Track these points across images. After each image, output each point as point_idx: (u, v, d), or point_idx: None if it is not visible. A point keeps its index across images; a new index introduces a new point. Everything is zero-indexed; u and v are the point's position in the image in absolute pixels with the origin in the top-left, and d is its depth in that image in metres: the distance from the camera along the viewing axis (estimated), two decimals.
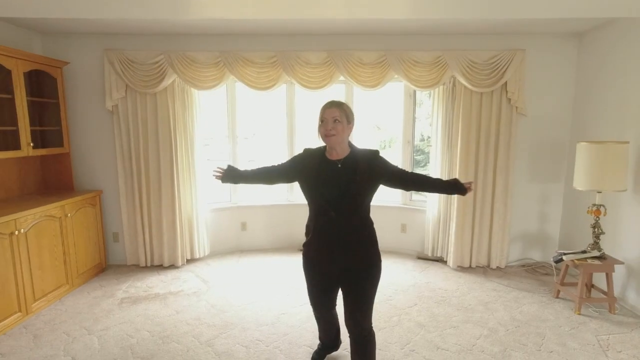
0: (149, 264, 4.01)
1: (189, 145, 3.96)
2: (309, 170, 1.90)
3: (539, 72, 3.75)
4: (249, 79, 3.78)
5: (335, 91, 4.28)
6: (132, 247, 4.03)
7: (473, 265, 3.95)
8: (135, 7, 3.04)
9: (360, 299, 1.91)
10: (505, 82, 3.67)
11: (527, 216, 3.99)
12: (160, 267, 4.00)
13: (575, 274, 3.64)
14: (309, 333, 2.73)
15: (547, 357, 2.45)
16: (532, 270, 3.88)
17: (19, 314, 2.86)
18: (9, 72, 3.11)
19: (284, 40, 3.80)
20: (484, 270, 3.91)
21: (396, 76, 3.77)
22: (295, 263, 3.99)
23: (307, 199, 1.95)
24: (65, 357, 2.46)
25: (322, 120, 1.88)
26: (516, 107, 3.73)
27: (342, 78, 3.84)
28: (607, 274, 2.98)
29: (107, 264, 4.04)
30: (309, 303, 2.18)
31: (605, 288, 3.07)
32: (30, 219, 2.97)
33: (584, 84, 3.64)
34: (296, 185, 2.00)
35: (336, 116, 1.85)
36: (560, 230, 3.97)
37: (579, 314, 2.98)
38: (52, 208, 3.19)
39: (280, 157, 4.39)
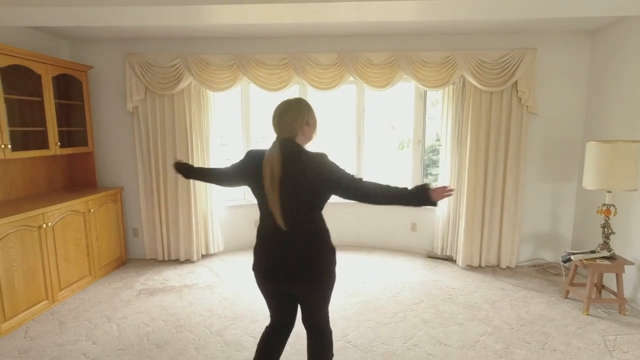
0: (166, 259, 4.19)
1: (205, 145, 4.12)
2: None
3: (551, 70, 3.72)
4: (261, 80, 3.90)
5: (346, 91, 4.36)
6: (151, 242, 4.22)
7: (482, 264, 3.95)
8: (155, 14, 3.19)
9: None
10: (516, 81, 3.66)
11: (538, 216, 3.96)
12: (177, 262, 4.18)
13: (586, 274, 3.59)
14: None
15: (550, 355, 2.46)
16: (542, 271, 3.85)
17: (46, 301, 3.07)
18: (39, 77, 3.33)
19: (294, 42, 3.91)
20: (494, 269, 3.91)
21: (405, 76, 3.82)
22: None
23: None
24: (87, 342, 2.63)
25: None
26: (527, 106, 3.71)
27: (351, 78, 3.91)
28: (617, 275, 2.95)
29: (127, 258, 4.25)
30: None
31: (616, 289, 3.03)
32: (57, 214, 3.18)
33: (597, 82, 3.59)
34: None
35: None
36: (573, 231, 3.92)
37: (587, 315, 2.96)
38: (77, 203, 3.40)
39: None
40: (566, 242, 3.94)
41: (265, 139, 4.82)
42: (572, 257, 3.06)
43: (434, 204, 1.65)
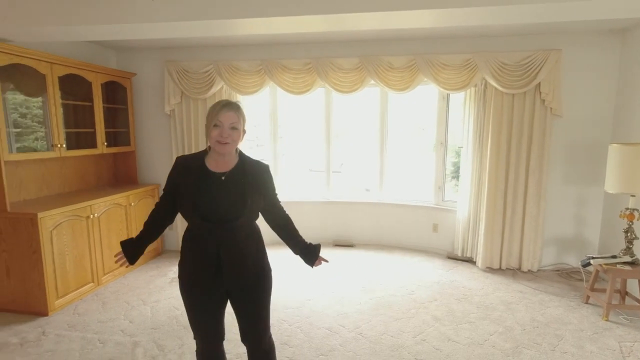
0: None
1: None
2: (185, 185, 1.59)
3: (577, 71, 3.65)
4: (287, 84, 4.12)
5: (370, 94, 4.49)
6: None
7: (503, 267, 3.93)
8: (193, 28, 3.43)
9: (257, 313, 1.72)
10: (539, 83, 3.63)
11: (562, 219, 3.88)
12: None
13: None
14: (329, 317, 2.98)
15: (559, 357, 2.47)
16: (566, 276, 3.78)
17: (92, 284, 3.45)
18: (90, 84, 3.74)
19: (318, 47, 4.09)
20: (514, 272, 3.88)
21: (425, 79, 3.89)
22: (325, 256, 4.25)
23: (181, 210, 1.64)
24: (125, 320, 2.95)
25: (216, 124, 1.56)
26: (550, 108, 3.66)
27: (373, 82, 4.03)
28: (639, 281, 2.87)
29: (163, 249, 4.61)
30: (196, 336, 1.76)
31: (639, 295, 2.95)
32: (102, 206, 3.55)
33: (627, 83, 3.48)
34: (332, 181, 1.89)
35: (234, 122, 1.57)
36: (600, 236, 3.81)
37: (607, 320, 2.90)
38: (119, 197, 3.77)
39: (320, 157, 4.69)
40: (592, 247, 3.84)
41: (302, 142, 5.04)
42: (592, 261, 3.01)
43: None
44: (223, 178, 1.62)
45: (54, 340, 2.67)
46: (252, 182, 1.64)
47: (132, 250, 1.74)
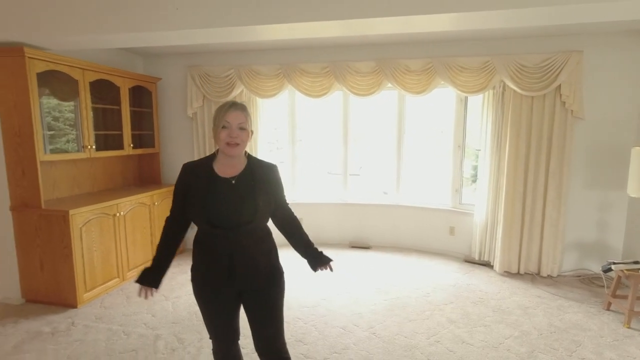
0: None
1: (253, 147, 4.51)
2: (195, 192, 1.57)
3: (599, 73, 3.58)
4: (305, 87, 4.20)
5: (387, 97, 4.52)
6: None
7: (521, 271, 3.88)
8: (216, 35, 3.51)
9: (271, 315, 1.69)
10: (559, 85, 3.58)
11: (584, 224, 3.80)
12: None
13: None
14: (344, 317, 3.03)
15: None
16: (587, 282, 3.69)
17: (117, 279, 3.62)
18: (118, 88, 3.93)
19: (336, 51, 4.16)
20: (533, 277, 3.82)
21: (442, 82, 3.89)
22: (341, 257, 4.31)
23: (192, 217, 1.62)
24: (147, 314, 3.09)
25: (224, 125, 1.55)
26: (571, 111, 3.60)
27: (389, 85, 4.07)
28: None
29: (185, 247, 4.76)
30: (212, 337, 1.77)
31: None
32: (128, 205, 3.72)
33: None
34: (349, 183, 1.84)
35: (242, 122, 1.56)
36: (624, 241, 3.71)
37: (628, 327, 2.84)
38: (143, 197, 3.94)
39: (337, 160, 4.74)
40: (616, 252, 3.74)
41: (321, 145, 5.12)
42: (613, 267, 2.95)
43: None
44: (233, 182, 1.59)
45: (82, 331, 2.82)
46: (261, 183, 1.62)
47: (152, 278, 1.67)
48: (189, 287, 3.61)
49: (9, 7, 2.79)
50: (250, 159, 1.68)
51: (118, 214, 3.57)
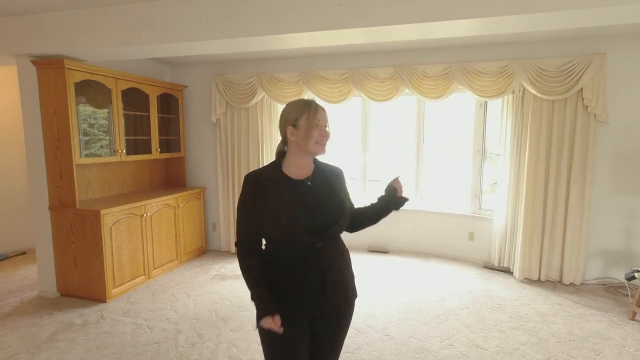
0: None
1: (273, 152, 4.63)
2: (273, 200, 1.40)
3: (624, 76, 3.49)
4: (324, 93, 4.31)
5: (407, 102, 4.55)
6: (226, 236, 4.86)
7: (542, 278, 3.79)
8: (241, 44, 3.55)
9: (337, 343, 1.56)
10: (581, 89, 3.52)
11: (609, 231, 3.68)
12: None
13: None
14: (358, 318, 3.06)
15: None
16: (613, 290, 3.57)
17: (144, 276, 3.81)
18: (147, 96, 4.16)
19: (354, 58, 4.25)
20: (554, 285, 3.73)
21: (460, 87, 3.90)
22: (359, 261, 4.35)
23: (273, 232, 1.42)
24: (170, 310, 3.24)
25: (317, 124, 1.46)
26: (594, 115, 3.53)
27: (407, 91, 4.11)
28: None
29: (207, 248, 4.94)
30: None
31: None
32: (155, 206, 3.92)
33: None
34: (368, 188, 1.76)
35: (327, 121, 1.52)
36: None
37: None
38: (169, 199, 4.13)
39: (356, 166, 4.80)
40: None
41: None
42: (637, 274, 2.86)
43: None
44: (309, 183, 1.49)
45: (110, 324, 3.00)
46: (334, 184, 1.55)
47: (269, 307, 1.38)
48: (209, 286, 3.77)
49: (51, 24, 3.05)
50: (316, 161, 1.58)
51: (145, 215, 3.77)
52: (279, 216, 1.39)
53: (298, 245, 1.41)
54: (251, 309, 3.23)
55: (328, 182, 1.53)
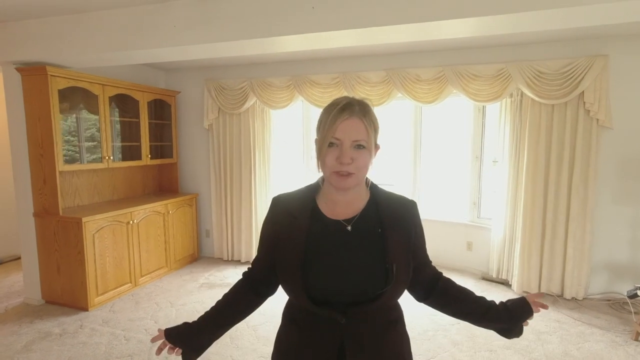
0: (229, 259, 4.72)
1: (266, 158, 4.57)
2: (287, 240, 1.04)
3: (628, 79, 3.29)
4: (315, 98, 4.21)
5: (403, 107, 4.41)
6: (219, 243, 4.80)
7: (542, 292, 3.59)
8: (234, 48, 3.50)
9: None
10: (582, 92, 3.32)
11: (614, 243, 3.46)
12: (238, 262, 4.67)
13: None
14: None
15: None
16: (618, 307, 3.35)
17: (130, 284, 3.76)
18: (137, 102, 4.14)
19: (346, 62, 4.14)
20: (555, 299, 3.52)
21: (455, 91, 3.75)
22: None
23: (284, 288, 1.08)
24: (150, 320, 3.18)
25: (332, 142, 0.98)
26: (597, 120, 3.33)
27: (400, 95, 3.97)
28: None
29: (199, 255, 4.89)
30: None
31: None
32: (142, 213, 3.88)
33: None
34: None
35: (360, 137, 0.97)
36: None
37: None
38: (158, 205, 4.09)
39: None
40: None
41: None
42: (639, 292, 2.65)
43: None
44: (349, 228, 1.03)
45: (88, 334, 2.95)
46: (395, 232, 1.03)
47: (185, 339, 1.14)
48: (195, 295, 3.70)
49: (34, 31, 3.05)
50: (375, 190, 1.10)
51: (132, 222, 3.73)
52: (287, 266, 1.01)
53: (312, 312, 1.00)
54: None
55: (385, 228, 1.03)
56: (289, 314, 1.11)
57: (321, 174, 1.06)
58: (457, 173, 4.54)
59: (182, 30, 2.65)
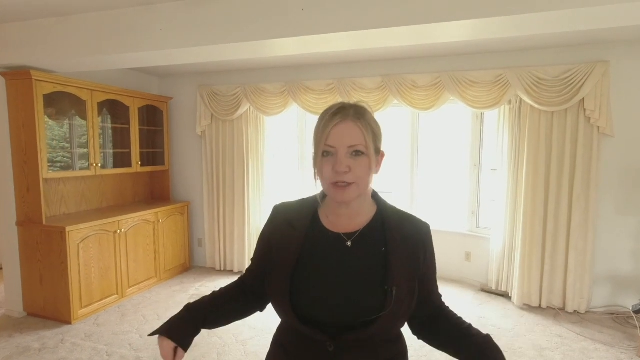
0: (222, 269, 4.59)
1: (259, 165, 4.46)
2: (280, 252, 0.97)
3: (630, 85, 3.21)
4: (309, 104, 4.12)
5: (401, 114, 4.32)
6: (211, 252, 4.67)
7: (543, 305, 3.47)
8: (225, 51, 3.39)
9: None
10: (582, 99, 3.24)
11: (617, 254, 3.35)
12: (231, 272, 4.54)
13: None
14: None
15: None
16: (622, 321, 3.23)
17: (116, 296, 3.63)
18: (127, 108, 4.05)
19: (341, 68, 4.06)
20: (556, 313, 3.40)
21: (452, 98, 3.66)
22: None
23: (272, 304, 0.99)
24: (135, 334, 3.05)
25: (326, 150, 0.90)
26: (598, 127, 3.24)
27: (396, 101, 3.89)
28: None
29: (191, 265, 4.75)
30: None
31: None
32: (130, 222, 3.76)
33: None
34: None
35: (357, 142, 0.89)
36: None
37: None
38: (148, 214, 3.97)
39: None
40: None
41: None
42: None
43: None
44: (349, 243, 0.94)
45: (69, 349, 2.82)
46: (400, 254, 0.93)
47: (175, 328, 1.02)
48: None
49: (17, 34, 2.96)
50: (381, 205, 1.00)
51: (119, 231, 3.61)
52: (277, 281, 0.93)
53: (300, 334, 0.91)
54: (219, 335, 3.01)
55: (389, 247, 0.93)
56: (279, 338, 1.04)
57: (320, 188, 0.97)
58: (455, 181, 4.44)
59: (169, 33, 2.56)
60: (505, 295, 3.73)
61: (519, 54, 3.47)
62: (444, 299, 1.14)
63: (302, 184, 4.63)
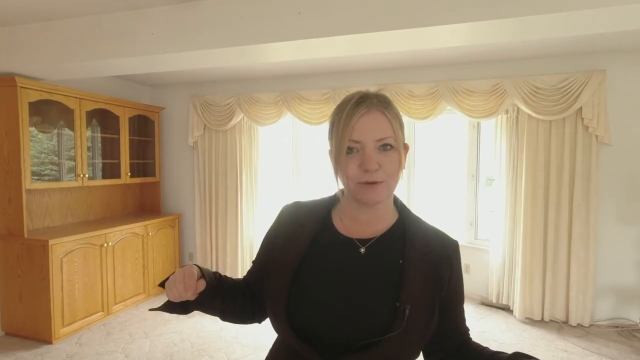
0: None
1: (253, 177, 4.36)
2: (286, 249, 0.87)
3: (627, 94, 3.20)
4: (304, 114, 4.05)
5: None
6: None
7: (546, 318, 3.37)
8: (217, 56, 3.28)
9: None
10: (580, 108, 3.22)
11: (620, 265, 3.28)
12: None
13: None
14: None
15: None
16: (627, 334, 3.14)
17: (102, 313, 3.45)
18: (117, 118, 3.94)
19: (336, 77, 4.02)
20: (559, 326, 3.30)
21: (449, 107, 3.62)
22: None
23: (268, 313, 0.88)
24: (121, 354, 2.87)
25: (351, 147, 0.79)
26: (596, 136, 3.21)
27: None
28: None
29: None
30: None
31: None
32: (118, 235, 3.61)
33: None
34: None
35: (385, 135, 0.79)
36: None
37: None
38: (136, 227, 3.82)
39: None
40: None
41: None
42: None
43: None
44: (362, 250, 0.83)
45: None
46: (420, 270, 0.81)
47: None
48: (173, 324, 3.39)
49: (1, 39, 2.86)
50: (405, 213, 0.90)
51: (106, 244, 3.46)
52: (274, 285, 0.83)
53: (292, 354, 0.81)
54: (212, 355, 2.85)
55: (408, 260, 0.81)
56: (271, 355, 0.92)
57: (341, 187, 0.85)
58: (452, 192, 4.38)
59: (159, 38, 2.48)
60: (507, 309, 3.63)
61: (516, 63, 3.46)
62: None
63: (297, 195, 4.53)
